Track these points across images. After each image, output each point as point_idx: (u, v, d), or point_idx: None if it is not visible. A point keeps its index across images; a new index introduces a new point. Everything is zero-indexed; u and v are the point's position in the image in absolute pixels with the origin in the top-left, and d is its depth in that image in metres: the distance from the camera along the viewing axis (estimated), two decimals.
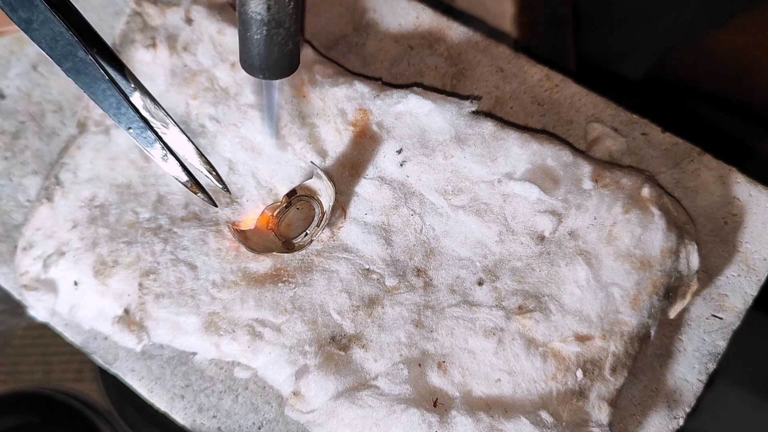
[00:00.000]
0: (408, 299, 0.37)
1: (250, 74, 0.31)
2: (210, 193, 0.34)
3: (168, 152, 0.32)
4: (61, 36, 0.29)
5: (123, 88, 0.31)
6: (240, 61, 0.30)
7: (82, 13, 0.32)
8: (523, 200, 0.37)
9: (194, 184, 0.33)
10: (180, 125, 0.35)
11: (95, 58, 0.29)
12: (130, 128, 0.31)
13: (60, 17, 0.28)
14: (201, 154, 0.35)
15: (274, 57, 0.30)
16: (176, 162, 0.32)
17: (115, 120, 0.31)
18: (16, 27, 0.37)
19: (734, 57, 0.53)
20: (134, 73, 0.34)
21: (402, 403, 0.35)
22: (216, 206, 0.35)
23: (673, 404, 0.38)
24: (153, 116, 0.34)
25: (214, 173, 0.36)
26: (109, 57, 0.33)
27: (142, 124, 0.31)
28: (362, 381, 0.36)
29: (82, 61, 0.29)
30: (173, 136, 0.35)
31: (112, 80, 0.30)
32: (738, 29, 0.51)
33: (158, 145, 0.32)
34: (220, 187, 0.36)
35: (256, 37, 0.28)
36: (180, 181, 0.33)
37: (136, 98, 0.34)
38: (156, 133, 0.31)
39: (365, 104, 0.39)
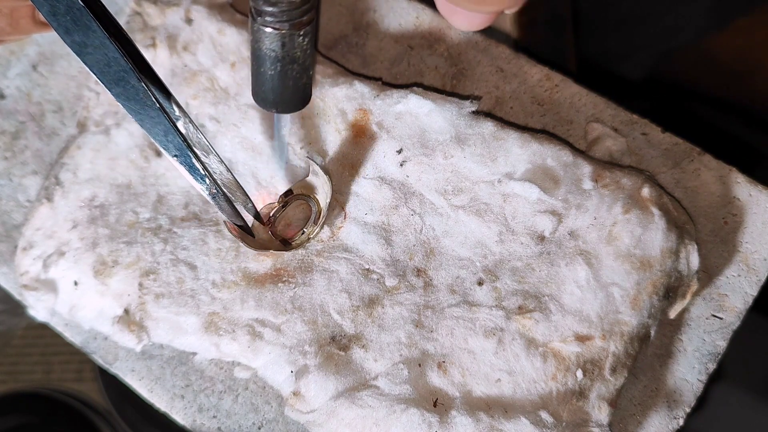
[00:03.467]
0: (408, 299, 0.37)
1: (263, 108, 0.31)
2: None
3: (213, 183, 0.33)
4: (116, 62, 0.28)
5: (170, 115, 0.31)
6: (252, 94, 0.30)
7: None
8: (523, 200, 0.37)
9: (235, 214, 0.35)
10: (220, 155, 0.35)
11: (147, 85, 0.29)
12: (175, 156, 0.31)
13: (115, 43, 0.28)
14: (238, 184, 0.36)
15: (288, 92, 0.29)
16: (220, 193, 0.33)
17: (162, 147, 0.31)
18: (18, 36, 0.37)
19: (734, 58, 0.53)
20: None
21: (402, 403, 0.35)
22: (254, 237, 0.37)
23: (673, 404, 0.38)
24: (195, 144, 0.34)
25: (250, 203, 0.37)
26: (158, 85, 0.33)
27: (188, 153, 0.31)
28: (362, 381, 0.36)
29: (133, 88, 0.29)
30: (214, 164, 0.35)
31: (162, 108, 0.30)
32: (738, 31, 0.51)
33: (208, 181, 0.32)
34: (251, 215, 0.37)
35: (270, 73, 0.28)
36: (221, 210, 0.34)
37: (180, 126, 0.34)
38: (202, 163, 0.32)
39: (365, 104, 0.39)
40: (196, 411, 0.39)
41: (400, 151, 0.39)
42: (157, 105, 0.30)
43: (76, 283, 0.38)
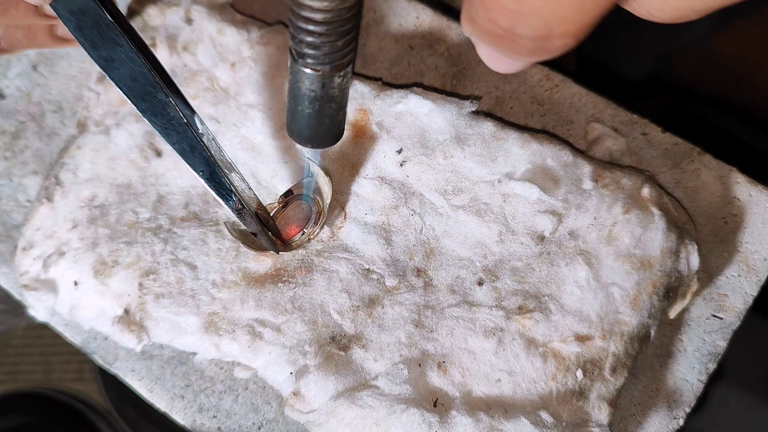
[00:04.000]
0: (408, 299, 0.37)
1: (299, 144, 0.31)
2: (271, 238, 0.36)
3: (238, 200, 0.32)
4: (142, 76, 0.28)
5: (195, 131, 0.31)
6: (287, 130, 0.30)
7: None
8: (523, 200, 0.37)
9: (262, 232, 0.34)
10: (241, 172, 0.35)
11: (174, 101, 0.29)
12: (201, 171, 0.31)
13: (143, 57, 0.28)
14: (260, 202, 0.36)
15: (324, 128, 0.30)
16: (246, 209, 0.33)
17: (188, 162, 0.31)
18: (33, 48, 0.36)
19: (734, 59, 0.53)
20: None
21: (402, 403, 0.35)
22: (278, 252, 0.37)
23: (673, 404, 0.38)
24: (218, 161, 0.34)
25: (271, 221, 0.37)
26: (182, 100, 0.33)
27: (216, 168, 0.31)
28: (362, 381, 0.36)
29: (161, 103, 0.29)
30: (236, 181, 0.35)
31: (189, 123, 0.30)
32: (738, 31, 0.51)
33: (235, 198, 0.32)
34: (268, 229, 0.37)
35: (307, 111, 0.28)
36: (246, 226, 0.34)
37: (205, 141, 0.34)
38: (229, 180, 0.32)
39: (365, 104, 0.39)
40: (196, 411, 0.39)
41: (400, 151, 0.39)
42: (184, 120, 0.30)
43: (76, 283, 0.38)
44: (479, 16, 0.20)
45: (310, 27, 0.24)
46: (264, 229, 0.35)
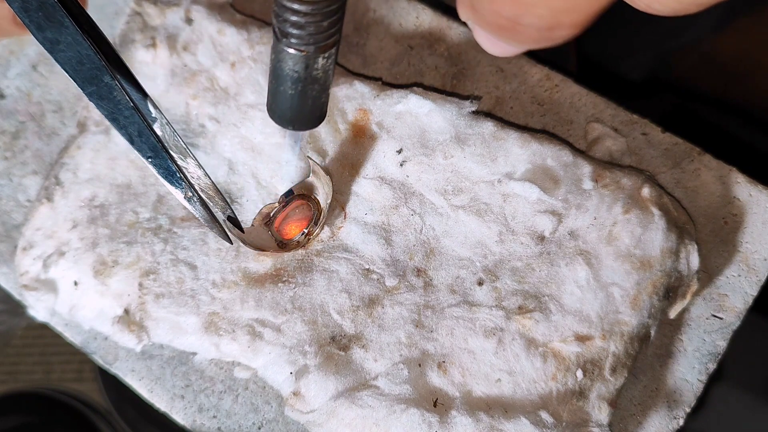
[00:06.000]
0: (408, 299, 0.37)
1: (280, 125, 0.30)
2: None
3: (188, 186, 0.32)
4: (88, 59, 0.28)
5: (146, 117, 0.30)
6: (268, 110, 0.30)
7: None
8: (523, 200, 0.37)
9: (210, 219, 0.34)
10: (197, 159, 0.35)
11: (120, 83, 0.29)
12: (149, 157, 0.31)
13: (88, 40, 0.28)
14: (216, 189, 0.35)
15: (307, 110, 0.29)
16: (195, 196, 0.32)
17: (136, 148, 0.30)
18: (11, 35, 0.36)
19: (734, 58, 0.52)
20: (134, 73, 0.34)
21: (402, 403, 0.35)
22: (231, 243, 0.36)
23: (673, 404, 0.38)
24: (172, 147, 0.34)
25: (228, 209, 0.36)
26: (134, 84, 0.32)
27: (164, 154, 0.31)
28: (362, 381, 0.36)
29: (107, 86, 0.28)
30: (191, 168, 0.35)
31: (136, 107, 0.29)
32: (738, 31, 0.51)
33: (179, 178, 0.31)
34: (229, 221, 0.36)
35: (290, 92, 0.28)
36: (195, 214, 0.33)
37: (157, 127, 0.33)
38: (177, 166, 0.31)
39: (365, 104, 0.39)
40: (196, 411, 0.39)
41: (400, 151, 0.39)
42: (131, 104, 0.29)
43: (76, 283, 0.38)
44: (482, 5, 0.20)
45: (295, 6, 0.24)
46: (212, 217, 0.34)
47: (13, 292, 0.42)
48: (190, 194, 0.32)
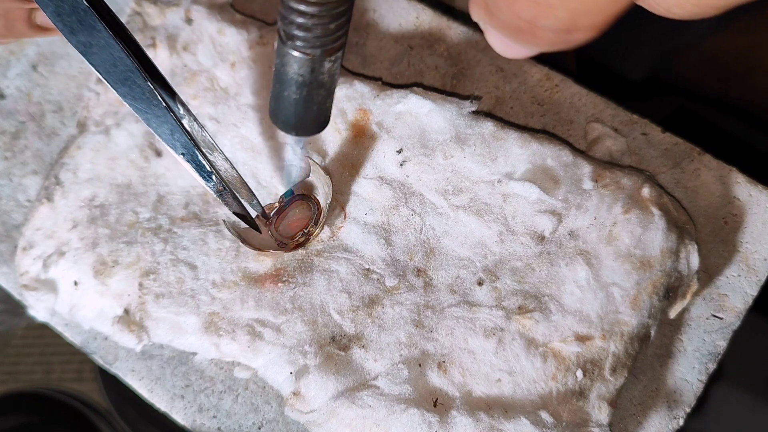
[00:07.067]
0: (408, 299, 0.37)
1: (283, 131, 0.30)
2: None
3: (220, 181, 0.33)
4: (121, 61, 0.29)
5: (176, 114, 0.31)
6: (270, 116, 0.29)
7: None
8: (523, 200, 0.37)
9: (244, 213, 0.35)
10: (224, 153, 0.35)
11: (152, 84, 0.29)
12: (183, 154, 0.31)
13: (121, 42, 0.28)
14: (243, 181, 0.36)
15: (311, 116, 0.29)
16: (228, 190, 0.33)
17: (169, 146, 0.31)
18: (11, 39, 0.37)
19: (734, 58, 0.52)
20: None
21: (402, 403, 0.35)
22: (260, 232, 0.37)
23: (673, 404, 0.38)
24: (200, 142, 0.34)
25: (255, 200, 0.37)
26: (162, 84, 0.33)
27: (195, 151, 0.31)
28: (362, 381, 0.36)
29: (140, 88, 0.29)
30: (219, 162, 0.35)
31: (168, 107, 0.30)
32: (738, 31, 0.51)
33: (215, 179, 0.32)
34: (258, 213, 0.37)
35: (294, 97, 0.27)
36: (229, 207, 0.34)
37: (185, 124, 0.34)
38: (209, 161, 0.32)
39: (365, 104, 0.39)
40: (196, 411, 0.39)
41: (400, 151, 0.39)
42: (164, 104, 0.30)
43: (76, 283, 0.38)
44: (498, 6, 0.19)
45: (302, 7, 0.23)
46: (245, 209, 0.35)
47: (13, 292, 0.42)
48: (221, 188, 0.33)
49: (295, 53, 0.25)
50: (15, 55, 0.44)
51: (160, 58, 0.40)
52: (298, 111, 0.28)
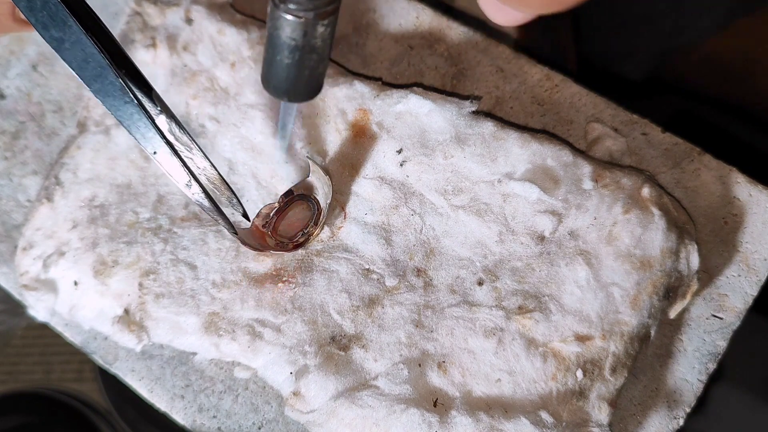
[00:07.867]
0: (408, 299, 0.37)
1: (273, 96, 0.30)
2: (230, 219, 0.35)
3: (192, 179, 0.32)
4: (93, 57, 0.29)
5: (150, 111, 0.31)
6: (262, 81, 0.29)
7: None
8: (523, 200, 0.37)
9: (216, 211, 0.34)
10: (204, 151, 0.35)
11: (125, 80, 0.29)
12: (155, 152, 0.31)
13: (92, 38, 0.28)
14: (223, 180, 0.36)
15: (303, 81, 0.28)
16: (200, 189, 0.33)
17: (142, 144, 0.31)
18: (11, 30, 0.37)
19: (735, 58, 0.53)
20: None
21: (402, 403, 0.35)
22: (236, 233, 0.36)
23: (673, 404, 0.38)
24: (177, 140, 0.34)
25: (235, 199, 0.36)
26: (137, 79, 0.33)
27: (167, 149, 0.31)
28: (362, 381, 0.36)
29: (111, 84, 0.29)
30: (197, 160, 0.35)
31: (140, 104, 0.30)
32: (738, 31, 0.51)
33: (184, 172, 0.32)
34: (239, 213, 0.37)
35: (286, 61, 0.27)
36: (202, 207, 0.33)
37: (162, 121, 0.34)
38: (181, 159, 0.32)
39: (365, 104, 0.39)
40: (196, 411, 0.39)
41: (400, 151, 0.39)
42: (136, 102, 0.30)
43: (76, 283, 0.38)
44: None
45: None
46: (217, 208, 0.34)
47: (13, 292, 0.42)
48: (188, 179, 0.32)
49: (288, 16, 0.25)
50: (15, 55, 0.44)
51: (160, 58, 0.40)
52: (290, 76, 0.28)
